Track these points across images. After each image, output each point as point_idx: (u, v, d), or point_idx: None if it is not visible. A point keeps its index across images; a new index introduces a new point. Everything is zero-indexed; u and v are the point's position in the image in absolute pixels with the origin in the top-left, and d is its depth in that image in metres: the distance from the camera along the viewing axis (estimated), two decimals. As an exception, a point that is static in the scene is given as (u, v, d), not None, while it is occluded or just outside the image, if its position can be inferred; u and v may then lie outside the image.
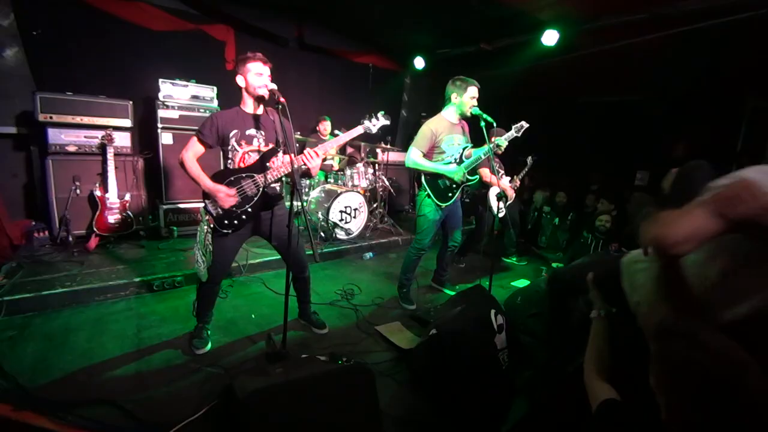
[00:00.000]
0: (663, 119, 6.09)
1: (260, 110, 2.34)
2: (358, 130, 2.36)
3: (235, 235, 2.32)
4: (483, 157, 2.97)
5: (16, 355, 2.27)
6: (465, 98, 2.92)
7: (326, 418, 1.59)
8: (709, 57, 4.66)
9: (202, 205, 2.29)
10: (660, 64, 5.18)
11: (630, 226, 1.37)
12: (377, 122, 2.39)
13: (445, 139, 2.98)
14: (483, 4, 4.50)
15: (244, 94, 2.29)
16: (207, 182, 2.19)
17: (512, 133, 3.10)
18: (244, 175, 2.25)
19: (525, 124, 3.10)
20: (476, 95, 2.93)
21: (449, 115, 3.04)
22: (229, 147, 2.27)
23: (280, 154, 2.32)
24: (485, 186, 3.81)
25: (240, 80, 2.25)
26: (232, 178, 2.23)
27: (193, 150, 2.26)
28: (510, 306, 3.04)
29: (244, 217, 2.27)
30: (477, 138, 3.13)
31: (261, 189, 2.27)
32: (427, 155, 3.00)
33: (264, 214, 2.38)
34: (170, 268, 3.50)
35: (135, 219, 4.14)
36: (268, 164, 2.27)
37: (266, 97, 2.23)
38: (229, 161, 2.30)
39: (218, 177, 2.24)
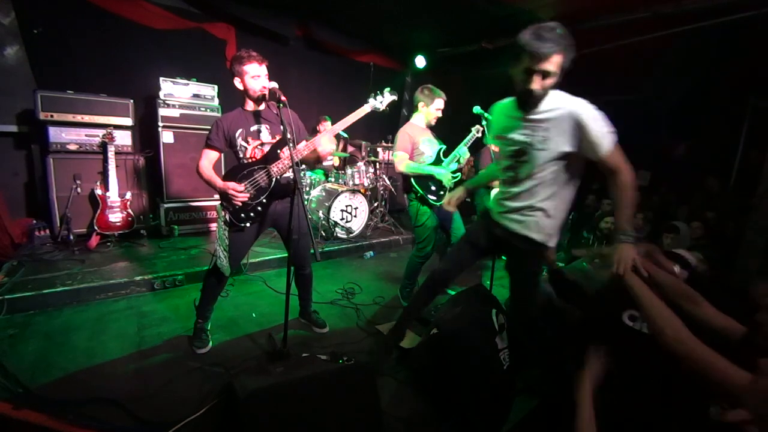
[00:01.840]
0: (664, 118, 6.08)
1: (262, 106, 2.34)
2: (365, 109, 2.35)
3: (251, 227, 2.33)
4: (464, 150, 3.12)
5: (17, 354, 2.27)
6: (431, 109, 3.05)
7: (327, 418, 1.59)
8: (710, 56, 4.65)
9: (219, 202, 2.32)
10: (661, 63, 5.16)
11: None
12: (384, 99, 2.38)
13: (421, 141, 3.07)
14: (485, 2, 4.49)
15: (244, 95, 2.30)
16: (218, 182, 2.22)
17: (473, 133, 3.23)
18: (256, 167, 2.25)
19: (480, 127, 3.21)
20: (442, 107, 3.07)
21: (418, 121, 3.14)
22: (238, 147, 2.29)
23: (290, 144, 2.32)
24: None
25: (237, 83, 2.25)
26: (245, 172, 2.25)
27: (207, 158, 2.29)
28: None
29: (259, 208, 2.29)
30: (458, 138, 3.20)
31: (273, 180, 2.27)
32: (410, 158, 3.04)
33: (281, 205, 2.38)
34: (171, 266, 3.50)
35: (136, 218, 4.14)
36: (279, 153, 2.27)
37: (267, 96, 2.23)
38: (242, 159, 2.32)
39: (233, 172, 2.25)
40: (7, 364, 2.12)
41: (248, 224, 2.29)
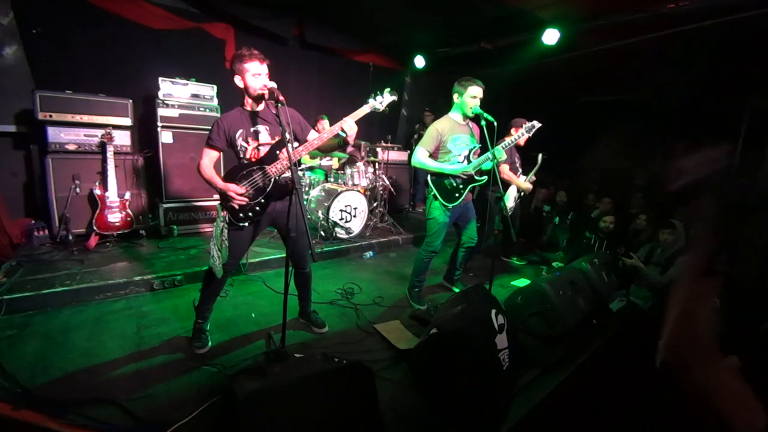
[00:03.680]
0: (663, 118, 6.08)
1: (261, 106, 2.35)
2: (365, 110, 2.37)
3: (249, 227, 2.34)
4: (490, 158, 2.88)
5: (16, 354, 2.27)
6: (466, 97, 2.93)
7: (325, 418, 1.59)
8: (709, 56, 4.65)
9: (218, 201, 2.34)
10: (660, 64, 5.16)
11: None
12: (383, 99, 2.40)
13: (451, 139, 2.99)
14: (484, 2, 4.48)
15: (244, 93, 2.30)
16: (219, 182, 2.24)
17: (522, 132, 3.10)
18: (255, 167, 2.27)
19: (537, 124, 3.08)
20: (478, 95, 2.92)
21: (455, 115, 3.07)
22: (238, 147, 2.29)
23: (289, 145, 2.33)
24: (495, 185, 3.78)
25: (238, 81, 2.25)
26: (245, 172, 2.26)
27: (208, 157, 2.31)
28: (510, 306, 3.04)
29: (258, 208, 2.30)
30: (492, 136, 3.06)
31: (272, 180, 2.28)
32: (434, 155, 3.01)
33: (280, 205, 2.39)
34: (170, 267, 3.50)
35: (135, 218, 4.13)
36: (278, 154, 2.28)
37: (266, 96, 2.24)
38: (242, 159, 2.32)
39: (233, 172, 2.27)
40: (7, 365, 2.11)
41: (246, 224, 2.30)
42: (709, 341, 0.84)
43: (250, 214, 2.29)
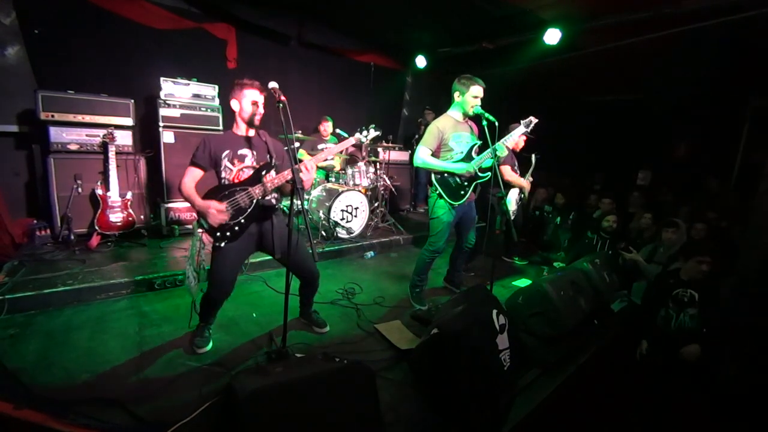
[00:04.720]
0: (665, 118, 6.08)
1: (252, 132, 2.39)
2: (350, 141, 2.51)
3: (235, 251, 2.33)
4: (491, 155, 2.84)
5: (18, 354, 2.27)
6: (467, 97, 2.92)
7: (326, 418, 1.59)
8: (711, 56, 4.65)
9: (196, 219, 2.34)
10: (662, 63, 5.16)
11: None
12: (369, 134, 2.54)
13: (452, 136, 2.98)
14: (485, 2, 4.49)
15: (237, 117, 2.34)
16: (198, 201, 2.23)
17: (521, 129, 3.06)
18: (238, 188, 2.26)
19: (534, 119, 3.04)
20: (479, 94, 2.91)
21: (454, 113, 3.05)
22: (222, 167, 2.30)
23: (273, 172, 2.34)
24: (496, 186, 3.78)
25: (234, 104, 2.31)
26: (226, 192, 2.25)
27: (191, 176, 2.30)
28: (511, 306, 3.04)
29: (236, 228, 2.28)
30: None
31: (254, 201, 2.28)
32: (436, 153, 3.00)
33: (264, 226, 2.38)
34: (171, 266, 3.50)
35: (136, 217, 4.14)
36: (264, 177, 2.29)
37: (257, 123, 2.32)
38: (224, 180, 2.31)
39: (213, 192, 2.25)
40: (8, 364, 2.12)
41: (223, 243, 2.27)
42: None
43: (228, 233, 2.26)
